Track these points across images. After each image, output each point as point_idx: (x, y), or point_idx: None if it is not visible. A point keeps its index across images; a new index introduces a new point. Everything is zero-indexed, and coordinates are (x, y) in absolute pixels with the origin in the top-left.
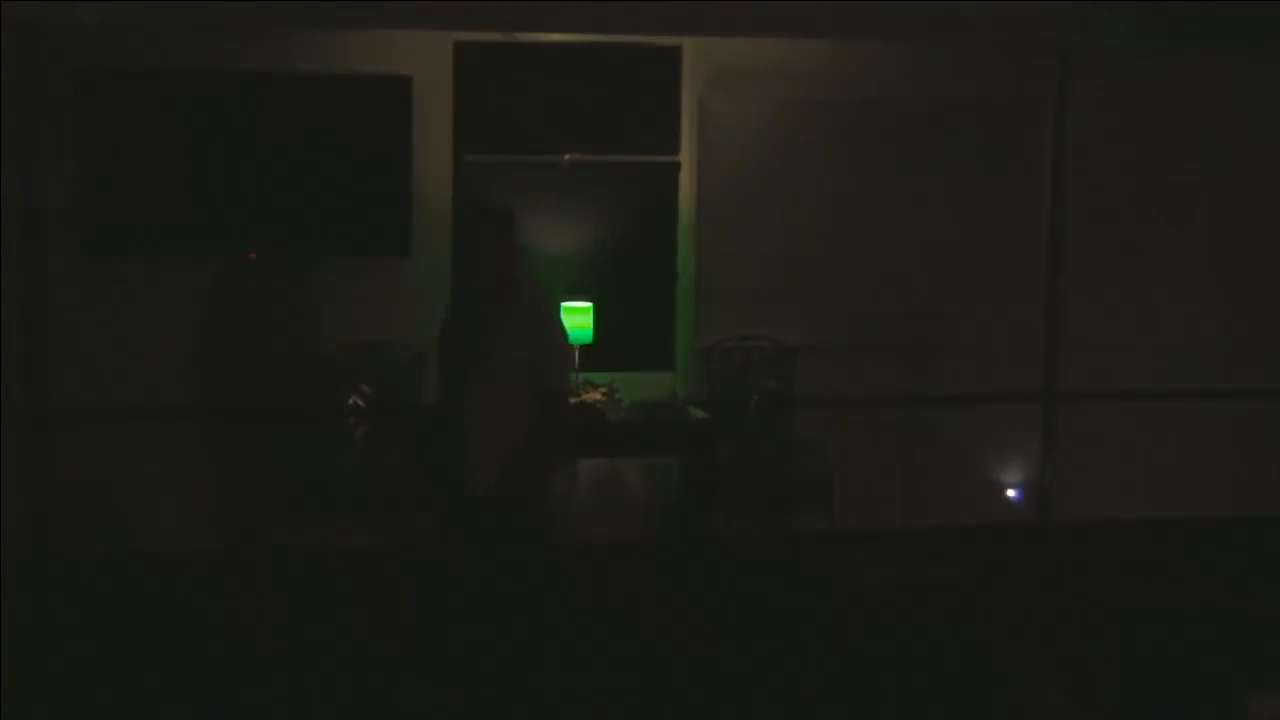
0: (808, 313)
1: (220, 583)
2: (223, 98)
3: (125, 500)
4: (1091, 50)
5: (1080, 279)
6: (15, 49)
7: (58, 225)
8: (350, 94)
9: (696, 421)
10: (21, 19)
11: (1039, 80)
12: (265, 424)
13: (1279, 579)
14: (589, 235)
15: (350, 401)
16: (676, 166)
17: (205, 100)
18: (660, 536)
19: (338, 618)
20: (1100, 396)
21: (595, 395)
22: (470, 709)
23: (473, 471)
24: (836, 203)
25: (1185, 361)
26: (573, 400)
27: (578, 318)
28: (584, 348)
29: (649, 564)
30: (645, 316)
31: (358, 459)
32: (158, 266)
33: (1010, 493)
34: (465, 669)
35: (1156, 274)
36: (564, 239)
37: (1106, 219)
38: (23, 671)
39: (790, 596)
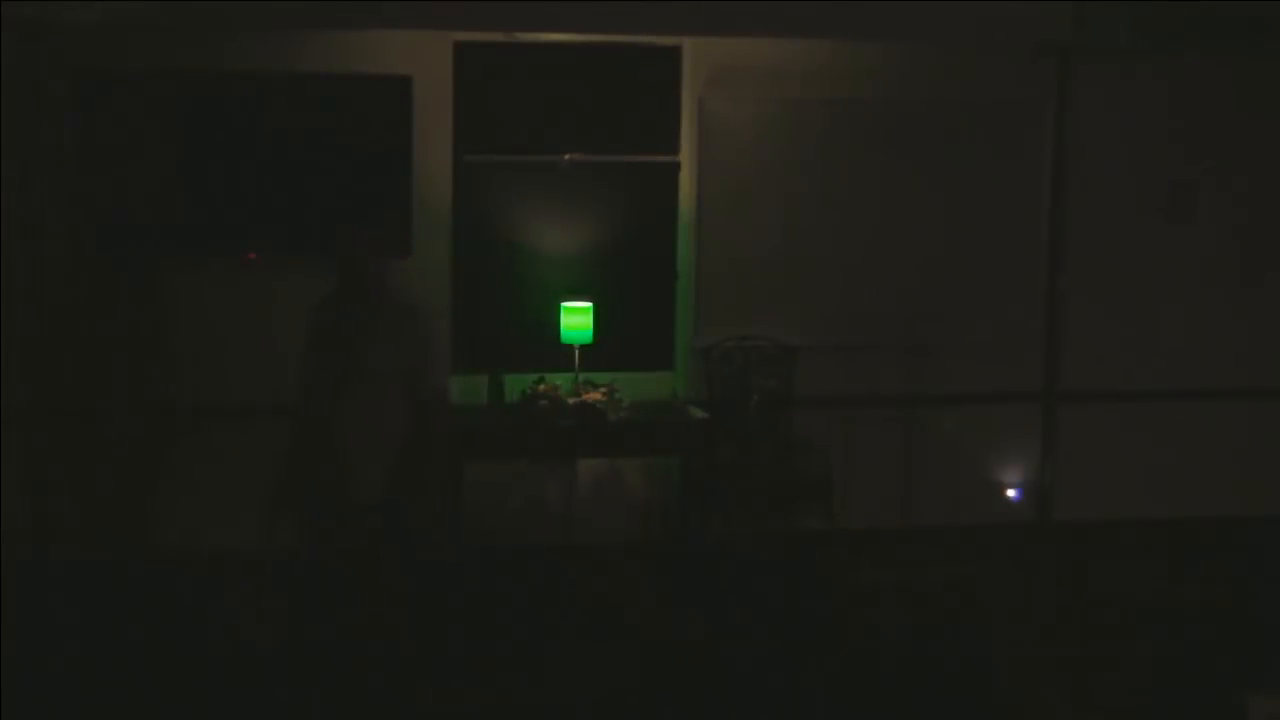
0: (808, 313)
1: (220, 583)
2: (223, 98)
3: (125, 500)
4: (1091, 50)
5: (1080, 279)
6: (15, 49)
7: (58, 225)
8: (350, 94)
9: (696, 421)
10: (21, 19)
11: (1039, 80)
12: (265, 424)
13: (1279, 579)
14: (589, 235)
15: None
16: (676, 166)
17: (205, 101)
18: (660, 536)
19: (337, 618)
20: (1100, 396)
21: (595, 395)
22: (471, 709)
23: (355, 479)
24: (836, 203)
25: (1185, 361)
26: (572, 400)
27: (578, 318)
28: (584, 348)
29: (649, 564)
30: (645, 316)
31: None
32: (157, 266)
33: (1010, 493)
34: (465, 669)
35: (1156, 274)
36: (564, 239)
37: (1106, 219)
38: (23, 671)
39: (790, 596)
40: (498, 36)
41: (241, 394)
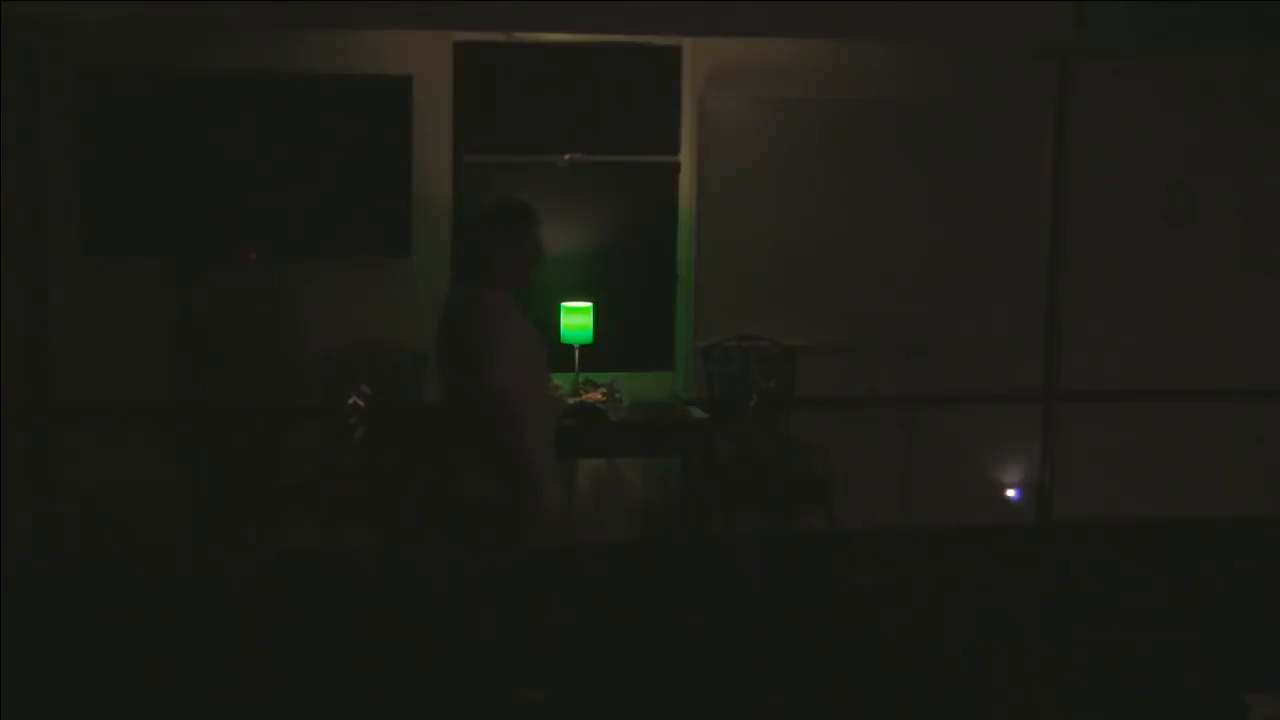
0: (808, 313)
1: (219, 583)
2: (223, 97)
3: (125, 500)
4: (1091, 50)
5: (1080, 279)
6: (15, 49)
7: (58, 225)
8: (350, 94)
9: (696, 421)
10: (21, 19)
11: (1039, 80)
12: (265, 424)
13: (1279, 579)
14: (589, 235)
15: (350, 401)
16: (676, 166)
17: (205, 100)
18: (660, 536)
19: (337, 618)
20: (1100, 396)
21: (595, 395)
22: (470, 710)
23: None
24: (836, 203)
25: (1185, 362)
26: (572, 400)
27: (578, 318)
28: (584, 348)
29: (649, 564)
30: (645, 316)
31: (357, 459)
32: (157, 266)
33: (1010, 493)
34: (464, 669)
35: (1156, 274)
36: (564, 239)
37: (1106, 219)
38: (23, 672)
39: (790, 596)
40: (498, 36)
41: (242, 394)
